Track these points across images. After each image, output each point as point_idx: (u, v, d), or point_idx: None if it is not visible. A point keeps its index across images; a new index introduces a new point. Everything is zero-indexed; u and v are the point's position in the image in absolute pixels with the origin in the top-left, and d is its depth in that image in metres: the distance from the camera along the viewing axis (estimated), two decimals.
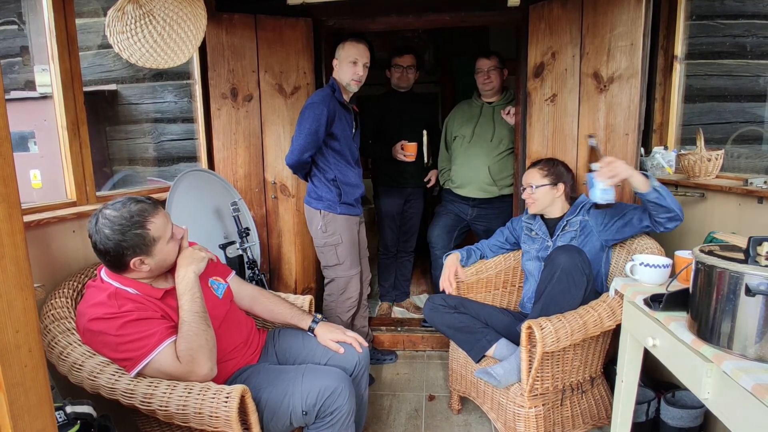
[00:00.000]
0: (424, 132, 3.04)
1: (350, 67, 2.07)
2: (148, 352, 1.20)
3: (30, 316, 0.68)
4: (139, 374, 1.21)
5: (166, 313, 1.29)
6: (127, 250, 1.24)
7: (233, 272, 1.66)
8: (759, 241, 0.99)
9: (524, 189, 1.96)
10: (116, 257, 1.24)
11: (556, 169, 1.92)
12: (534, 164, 2.00)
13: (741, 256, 1.00)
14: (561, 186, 1.91)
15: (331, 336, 1.58)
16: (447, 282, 2.00)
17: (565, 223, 1.88)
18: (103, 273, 1.31)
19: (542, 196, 1.92)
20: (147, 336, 1.21)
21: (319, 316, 1.66)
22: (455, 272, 2.04)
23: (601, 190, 1.61)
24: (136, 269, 1.27)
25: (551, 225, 1.95)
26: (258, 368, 1.46)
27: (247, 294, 1.64)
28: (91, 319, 1.22)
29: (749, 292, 0.91)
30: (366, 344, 1.62)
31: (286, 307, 1.65)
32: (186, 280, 1.30)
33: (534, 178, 1.93)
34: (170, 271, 1.37)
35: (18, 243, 0.65)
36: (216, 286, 1.51)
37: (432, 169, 2.93)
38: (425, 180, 2.90)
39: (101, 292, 1.25)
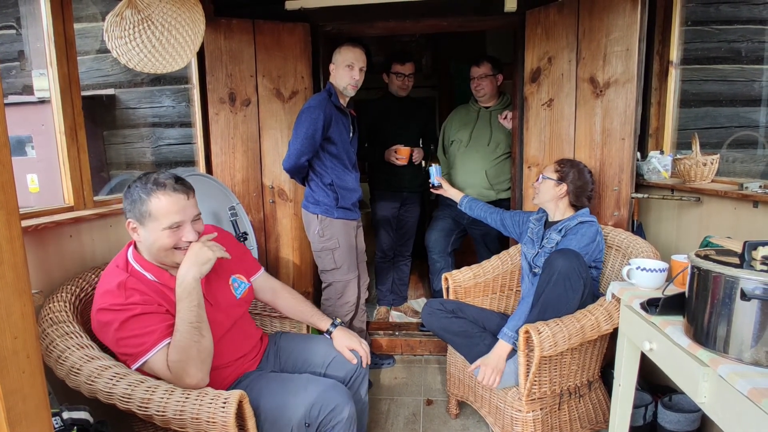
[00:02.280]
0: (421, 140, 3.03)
1: (346, 71, 2.08)
2: (145, 351, 1.20)
3: (28, 322, 0.68)
4: (138, 370, 1.22)
5: (174, 305, 1.27)
6: (127, 205, 1.27)
7: (262, 269, 1.67)
8: (754, 246, 0.99)
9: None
10: (124, 206, 1.29)
11: (566, 169, 1.91)
12: (559, 159, 2.02)
13: (736, 260, 1.00)
14: (563, 186, 1.91)
15: (347, 343, 1.59)
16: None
17: (552, 232, 1.88)
18: (130, 252, 1.32)
19: (544, 189, 1.93)
20: (147, 333, 1.20)
21: (338, 320, 1.67)
22: (447, 187, 2.35)
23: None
24: (131, 231, 1.29)
25: (547, 228, 1.95)
26: (259, 375, 1.45)
27: (270, 287, 1.66)
28: (99, 308, 1.23)
29: (745, 296, 0.91)
30: (369, 361, 1.62)
31: (308, 306, 1.67)
32: (184, 284, 1.25)
33: (548, 169, 1.96)
34: None
35: (16, 249, 0.65)
36: (237, 285, 1.49)
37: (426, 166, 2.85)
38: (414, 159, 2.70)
39: (114, 278, 1.26)
